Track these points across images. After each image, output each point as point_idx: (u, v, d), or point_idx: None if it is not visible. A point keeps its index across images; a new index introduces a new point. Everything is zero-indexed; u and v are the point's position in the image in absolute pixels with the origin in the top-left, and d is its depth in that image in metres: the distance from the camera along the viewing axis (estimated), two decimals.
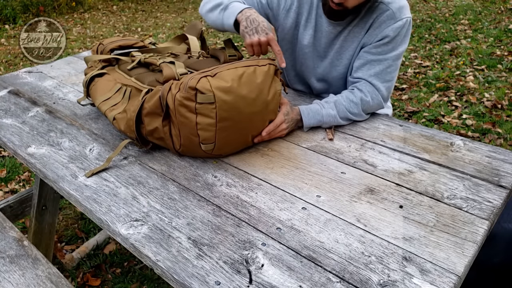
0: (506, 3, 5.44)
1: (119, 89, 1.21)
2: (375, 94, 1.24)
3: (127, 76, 1.25)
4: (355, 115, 1.24)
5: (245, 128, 1.07)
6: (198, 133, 1.01)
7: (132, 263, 1.82)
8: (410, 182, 0.98)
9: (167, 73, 1.10)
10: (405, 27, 1.22)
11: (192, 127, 1.00)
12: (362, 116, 1.26)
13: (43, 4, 6.55)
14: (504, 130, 2.63)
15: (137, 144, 1.12)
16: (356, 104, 1.23)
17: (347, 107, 1.22)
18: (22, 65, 4.50)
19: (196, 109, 0.97)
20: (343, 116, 1.22)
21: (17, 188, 2.36)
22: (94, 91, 1.26)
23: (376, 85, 1.24)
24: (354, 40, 1.28)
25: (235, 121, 1.01)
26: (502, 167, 1.01)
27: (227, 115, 0.99)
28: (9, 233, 1.20)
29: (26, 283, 1.03)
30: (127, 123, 1.10)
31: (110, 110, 1.17)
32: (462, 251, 0.78)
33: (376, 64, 1.24)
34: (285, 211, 0.90)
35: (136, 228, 0.87)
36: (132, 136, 1.11)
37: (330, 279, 0.74)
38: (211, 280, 0.74)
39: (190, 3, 7.66)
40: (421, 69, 3.69)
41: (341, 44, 1.30)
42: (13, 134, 1.27)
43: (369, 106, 1.25)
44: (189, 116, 0.99)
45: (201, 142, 1.02)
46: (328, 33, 1.30)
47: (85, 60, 1.38)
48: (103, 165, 1.07)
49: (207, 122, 0.99)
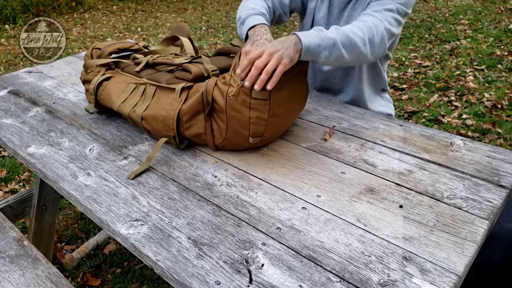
0: (506, 3, 5.44)
1: (134, 88, 1.22)
2: (378, 22, 1.14)
3: (137, 77, 1.25)
4: (359, 38, 1.10)
5: (288, 122, 1.14)
6: (249, 127, 1.04)
7: (132, 263, 1.82)
8: (410, 182, 0.98)
9: (195, 70, 1.13)
10: None
11: (245, 121, 1.03)
12: (365, 44, 1.12)
13: (43, 4, 6.55)
14: (504, 130, 2.63)
15: (173, 142, 1.13)
16: (359, 28, 1.12)
17: (348, 30, 1.10)
18: (22, 65, 4.50)
19: (250, 103, 1.00)
20: (344, 40, 1.08)
21: (17, 188, 2.37)
22: (107, 96, 1.25)
23: (378, 17, 1.16)
24: (360, 6, 1.30)
25: (282, 117, 1.07)
26: (502, 167, 1.01)
27: (278, 112, 1.04)
28: (9, 233, 1.20)
29: (26, 283, 1.03)
30: (164, 121, 1.10)
31: (133, 111, 1.17)
32: (462, 250, 0.78)
33: (379, 5, 1.18)
34: (285, 211, 0.90)
35: (136, 228, 0.87)
36: (170, 134, 1.11)
37: (330, 279, 0.74)
38: (211, 280, 0.74)
39: (190, 3, 7.66)
40: (421, 69, 3.69)
41: (349, 12, 1.32)
42: (13, 134, 1.27)
43: (373, 33, 1.13)
44: (242, 110, 1.02)
45: (250, 136, 1.06)
46: (340, 3, 1.33)
47: (87, 65, 1.35)
48: (144, 165, 1.07)
49: (260, 117, 1.03)
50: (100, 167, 1.09)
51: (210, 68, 1.14)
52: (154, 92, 1.16)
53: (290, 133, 1.21)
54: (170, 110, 1.09)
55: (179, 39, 1.45)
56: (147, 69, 1.27)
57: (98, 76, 1.29)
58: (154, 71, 1.26)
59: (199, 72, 1.13)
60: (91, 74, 1.34)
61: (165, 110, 1.10)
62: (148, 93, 1.17)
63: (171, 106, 1.10)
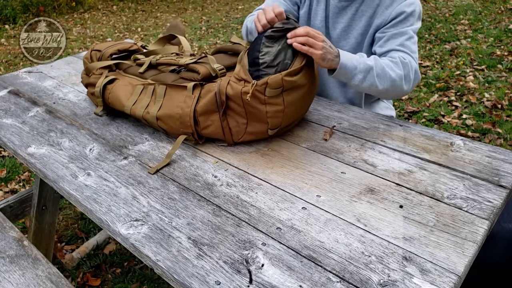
0: (506, 3, 5.44)
1: (142, 90, 1.22)
2: (410, 58, 1.20)
3: (141, 78, 1.25)
4: (395, 74, 1.16)
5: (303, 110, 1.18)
6: (267, 121, 1.08)
7: (132, 263, 1.82)
8: (410, 182, 0.98)
9: (203, 71, 1.15)
10: (418, 5, 1.23)
11: (262, 115, 1.07)
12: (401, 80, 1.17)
13: (43, 4, 6.55)
14: (504, 130, 2.63)
15: (192, 139, 1.15)
16: (396, 64, 1.17)
17: (387, 63, 1.16)
18: (22, 65, 4.50)
19: (265, 100, 1.04)
20: (380, 71, 1.14)
21: (17, 188, 2.37)
22: (115, 99, 1.25)
23: (407, 52, 1.21)
24: (362, 19, 1.29)
25: (297, 106, 1.11)
26: (502, 167, 1.01)
27: (293, 100, 1.07)
28: (9, 233, 1.20)
29: (26, 283, 1.03)
30: (181, 119, 1.11)
31: (146, 113, 1.18)
32: (462, 251, 0.78)
33: (399, 36, 1.23)
34: (285, 211, 0.90)
35: (136, 228, 0.87)
36: (188, 131, 1.12)
37: (330, 279, 0.74)
38: (211, 280, 0.74)
39: (190, 3, 7.66)
40: (421, 69, 3.69)
41: (349, 22, 1.32)
42: (13, 134, 1.27)
43: (409, 70, 1.18)
44: (258, 107, 1.05)
45: (269, 129, 1.11)
46: (334, 7, 1.32)
47: (89, 69, 1.34)
48: (164, 161, 1.08)
49: (276, 110, 1.06)
50: (100, 167, 1.09)
51: (217, 67, 1.15)
52: (165, 91, 1.17)
53: (290, 133, 1.21)
54: (186, 107, 1.10)
55: (175, 37, 1.45)
56: (150, 70, 1.27)
57: (101, 79, 1.29)
58: (157, 71, 1.26)
59: (207, 72, 1.15)
60: (93, 77, 1.33)
61: (180, 108, 1.11)
62: (158, 93, 1.17)
63: (186, 104, 1.11)
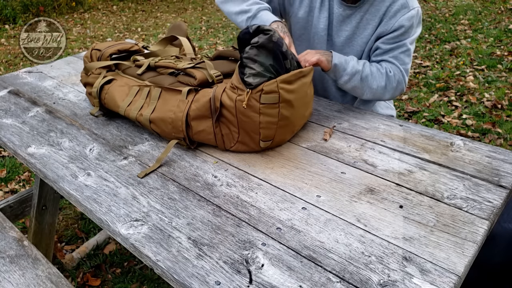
0: (506, 3, 5.44)
1: (138, 91, 1.21)
2: (397, 71, 1.29)
3: (139, 80, 1.25)
4: (377, 84, 1.28)
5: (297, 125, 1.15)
6: (260, 131, 1.05)
7: (132, 263, 1.82)
8: (410, 182, 0.98)
9: (200, 76, 1.14)
10: (418, 16, 1.27)
11: (255, 125, 1.04)
12: (382, 90, 1.29)
13: (43, 4, 6.55)
14: (504, 130, 2.63)
15: (184, 143, 1.13)
16: (381, 74, 1.28)
17: (373, 71, 1.27)
18: (22, 65, 4.50)
19: (260, 109, 1.02)
20: (364, 77, 1.26)
21: (17, 188, 2.37)
22: (111, 100, 1.25)
23: (397, 65, 1.29)
24: (367, 27, 1.30)
25: (291, 120, 1.08)
26: (502, 167, 1.01)
27: (288, 114, 1.06)
28: (9, 233, 1.20)
29: (26, 283, 1.03)
30: (173, 123, 1.10)
31: (140, 115, 1.17)
32: (462, 251, 0.78)
33: (395, 49, 1.29)
34: (285, 211, 0.90)
35: (136, 228, 0.87)
36: (180, 136, 1.11)
37: (330, 279, 0.74)
38: (211, 280, 0.74)
39: (190, 3, 7.66)
40: (421, 69, 3.69)
41: (353, 30, 1.32)
42: (13, 134, 1.27)
43: (391, 82, 1.29)
44: (252, 116, 1.03)
45: (261, 140, 1.07)
46: (338, 15, 1.32)
47: (88, 68, 1.35)
48: (154, 165, 1.07)
49: (269, 121, 1.04)
50: (100, 167, 1.09)
51: (213, 73, 1.15)
52: (160, 94, 1.16)
53: None
54: (178, 112, 1.09)
55: (177, 38, 1.45)
56: (148, 72, 1.27)
57: (99, 79, 1.29)
58: (156, 74, 1.25)
59: (203, 78, 1.14)
60: (91, 77, 1.33)
61: (173, 113, 1.10)
62: (153, 95, 1.17)
63: (179, 108, 1.10)
